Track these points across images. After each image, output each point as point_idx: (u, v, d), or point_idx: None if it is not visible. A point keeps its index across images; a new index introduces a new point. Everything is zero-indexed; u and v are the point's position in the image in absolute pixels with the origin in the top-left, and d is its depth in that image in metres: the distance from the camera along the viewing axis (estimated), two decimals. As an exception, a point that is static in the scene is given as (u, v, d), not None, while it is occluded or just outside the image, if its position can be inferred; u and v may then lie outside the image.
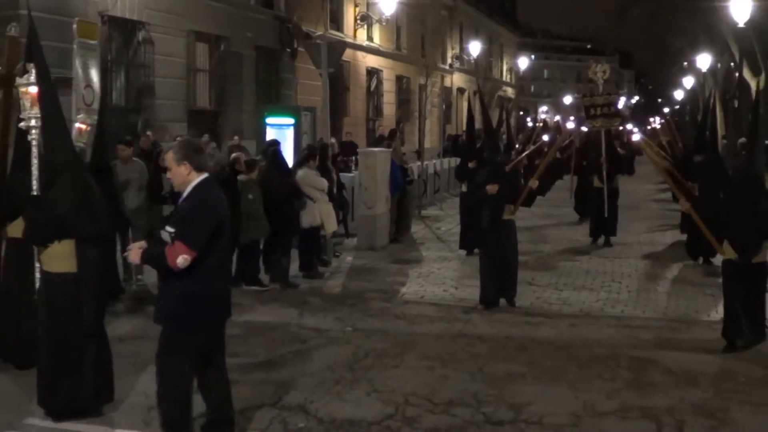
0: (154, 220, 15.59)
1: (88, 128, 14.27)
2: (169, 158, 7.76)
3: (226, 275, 8.13)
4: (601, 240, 21.45)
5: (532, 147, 25.61)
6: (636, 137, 22.68)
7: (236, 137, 24.51)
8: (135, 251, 7.82)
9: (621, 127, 36.10)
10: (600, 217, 21.38)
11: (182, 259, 7.39)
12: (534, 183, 14.75)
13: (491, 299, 14.46)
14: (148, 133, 21.91)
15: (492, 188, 14.13)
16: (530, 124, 73.55)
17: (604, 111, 20.70)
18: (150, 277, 15.74)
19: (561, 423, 9.02)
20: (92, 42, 17.71)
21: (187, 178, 7.71)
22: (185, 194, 7.74)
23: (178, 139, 13.63)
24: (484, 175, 14.84)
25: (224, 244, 7.84)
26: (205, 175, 7.77)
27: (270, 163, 16.56)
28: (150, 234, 15.73)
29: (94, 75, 17.59)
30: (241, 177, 15.59)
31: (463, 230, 20.13)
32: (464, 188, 20.53)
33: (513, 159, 18.27)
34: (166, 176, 14.90)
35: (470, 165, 19.32)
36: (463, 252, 19.67)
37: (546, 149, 29.54)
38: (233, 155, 16.88)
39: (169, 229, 7.62)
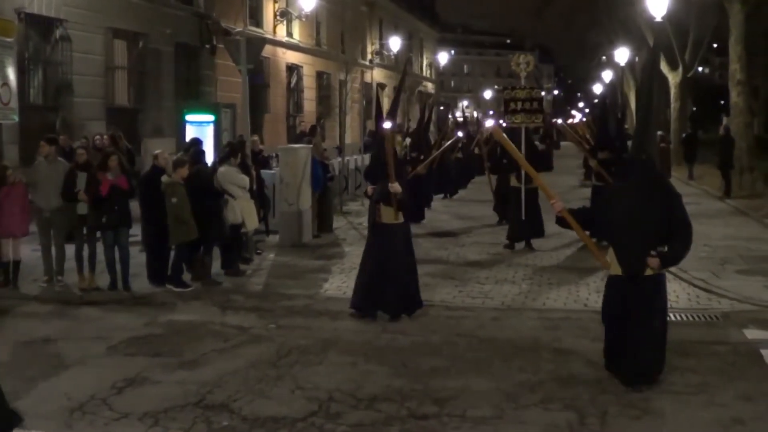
0: (71, 218, 15.42)
1: None
2: None
3: None
4: (521, 245, 20.01)
5: (447, 144, 25.26)
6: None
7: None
8: None
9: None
10: (519, 219, 19.93)
11: None
12: (394, 188, 13.03)
13: (358, 304, 13.61)
14: (62, 136, 21.59)
15: (370, 189, 13.93)
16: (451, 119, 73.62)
17: (525, 106, 19.91)
18: (71, 277, 15.59)
19: (484, 416, 9.08)
20: (9, 39, 17.46)
21: None
22: None
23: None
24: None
25: None
26: None
27: (193, 162, 16.34)
28: (71, 233, 15.61)
29: (11, 73, 17.34)
30: (164, 178, 15.38)
31: None
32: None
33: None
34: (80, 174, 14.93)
35: None
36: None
37: (461, 145, 29.42)
38: (156, 152, 16.67)
39: None
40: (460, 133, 31.33)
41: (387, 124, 13.69)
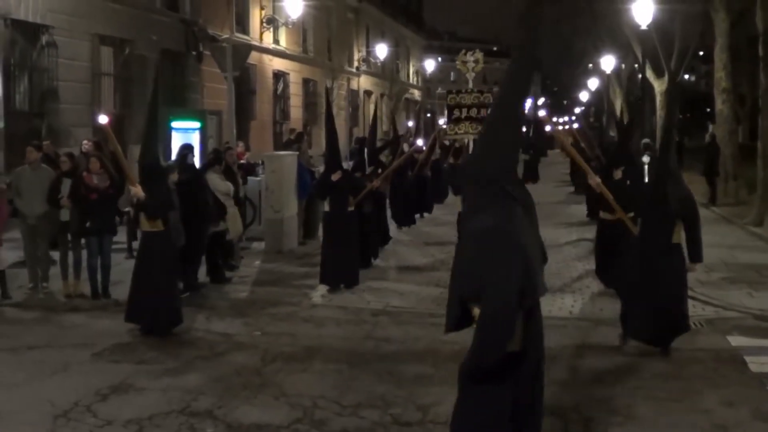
0: (55, 225, 15.37)
1: None
2: None
3: None
4: None
5: (402, 157, 23.95)
6: None
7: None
8: None
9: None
10: None
11: None
12: (134, 191, 12.91)
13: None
14: (45, 142, 21.55)
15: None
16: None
17: (471, 114, 17.71)
18: (55, 284, 15.55)
19: (468, 423, 9.08)
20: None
21: None
22: None
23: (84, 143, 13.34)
24: None
25: None
26: None
27: (185, 168, 16.13)
28: (55, 240, 15.55)
29: (-3, 79, 17.34)
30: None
31: (324, 260, 16.68)
32: (327, 207, 17.16)
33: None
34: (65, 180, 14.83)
35: (333, 178, 16.62)
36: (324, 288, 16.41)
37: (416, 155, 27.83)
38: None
39: None
40: (419, 142, 28.43)
41: (103, 119, 13.20)
